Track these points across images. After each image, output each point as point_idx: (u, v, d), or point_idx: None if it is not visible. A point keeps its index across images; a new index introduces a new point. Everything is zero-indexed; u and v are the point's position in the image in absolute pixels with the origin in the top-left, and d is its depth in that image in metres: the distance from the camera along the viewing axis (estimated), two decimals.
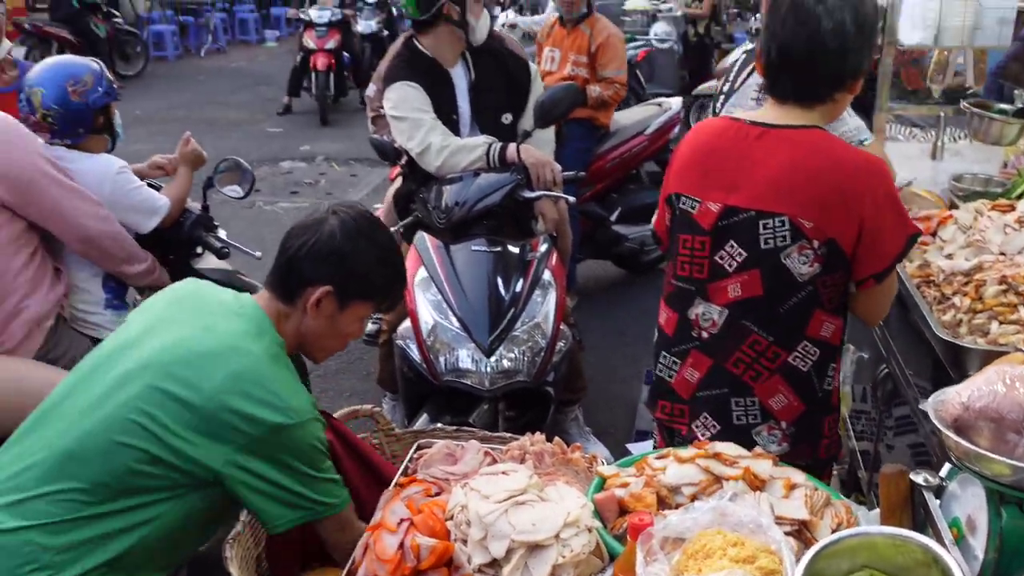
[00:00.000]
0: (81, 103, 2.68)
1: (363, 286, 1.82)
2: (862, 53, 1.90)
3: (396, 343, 3.03)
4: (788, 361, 1.98)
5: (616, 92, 5.08)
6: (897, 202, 1.92)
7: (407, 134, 3.25)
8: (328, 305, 1.79)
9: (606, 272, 5.91)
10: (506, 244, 3.08)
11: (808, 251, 1.89)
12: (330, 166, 8.69)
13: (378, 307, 1.91)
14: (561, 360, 3.05)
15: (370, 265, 1.81)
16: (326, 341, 1.87)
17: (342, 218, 1.81)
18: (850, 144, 2.01)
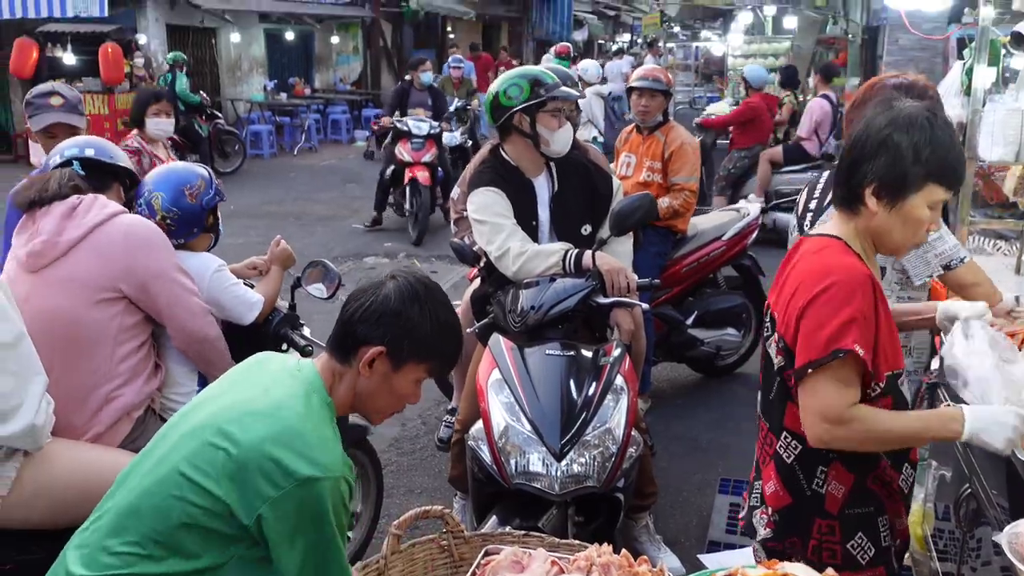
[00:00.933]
0: (196, 205, 2.91)
1: (416, 348, 1.84)
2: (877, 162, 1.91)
3: (468, 444, 3.06)
4: (777, 450, 2.08)
5: (686, 200, 5.13)
6: (842, 312, 1.86)
7: (487, 237, 3.35)
8: (381, 366, 1.83)
9: (681, 376, 5.87)
10: (579, 348, 3.11)
11: (777, 342, 2.02)
12: (412, 262, 8.89)
13: (432, 371, 1.91)
14: (631, 466, 3.03)
15: (424, 327, 1.84)
16: (380, 402, 1.90)
17: (399, 283, 1.86)
18: (844, 254, 1.97)
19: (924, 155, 1.87)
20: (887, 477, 2.05)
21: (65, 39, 13.75)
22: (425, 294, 1.86)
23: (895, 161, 1.89)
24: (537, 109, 3.36)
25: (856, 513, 2.05)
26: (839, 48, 13.20)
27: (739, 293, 5.62)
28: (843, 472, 2.03)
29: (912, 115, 1.91)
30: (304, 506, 1.66)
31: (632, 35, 37.10)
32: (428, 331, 1.84)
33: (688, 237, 5.33)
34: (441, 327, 1.87)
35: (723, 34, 17.96)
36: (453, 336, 1.93)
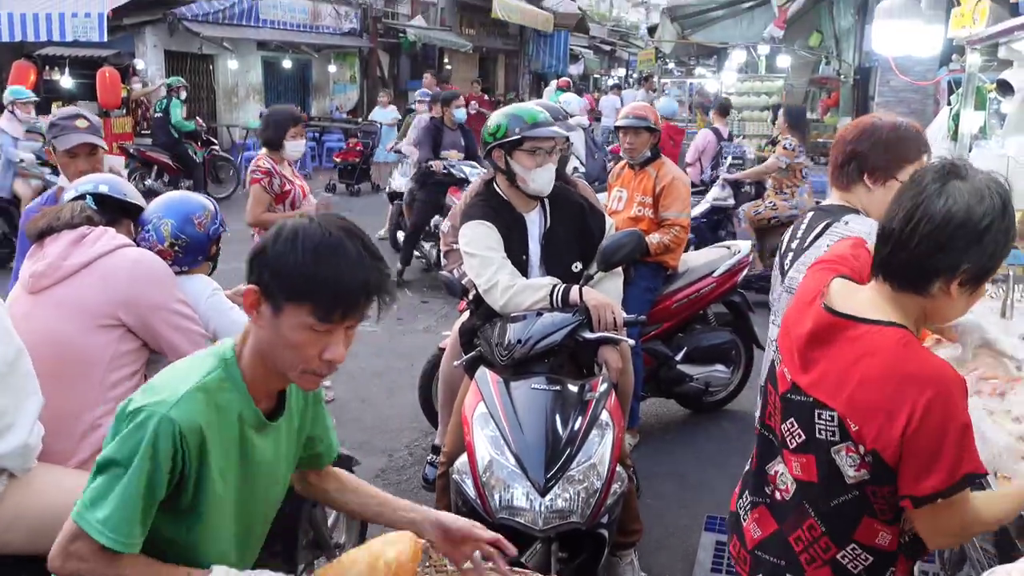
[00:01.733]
0: (203, 234, 2.96)
1: (284, 283, 1.66)
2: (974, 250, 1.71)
3: (452, 477, 3.04)
4: (837, 558, 1.89)
5: (676, 236, 5.15)
6: (951, 427, 1.67)
7: (476, 270, 3.36)
8: (264, 310, 1.70)
9: (669, 412, 5.86)
10: (565, 383, 3.11)
11: (854, 454, 1.79)
12: (403, 293, 8.89)
13: (316, 313, 1.66)
14: (616, 503, 3.02)
15: (288, 259, 1.66)
16: (283, 356, 1.72)
17: (300, 222, 1.72)
18: (928, 351, 1.80)
19: (1011, 241, 1.72)
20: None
21: (63, 62, 13.82)
22: (294, 226, 1.69)
23: (995, 252, 1.71)
24: (514, 147, 3.35)
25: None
26: (831, 88, 13.35)
27: (729, 329, 5.63)
28: (904, 562, 1.93)
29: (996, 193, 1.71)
30: (122, 433, 1.66)
31: (627, 70, 37.47)
32: (293, 263, 1.65)
33: (679, 273, 5.35)
34: (307, 257, 1.65)
35: (717, 71, 18.15)
36: (332, 268, 1.66)
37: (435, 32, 22.78)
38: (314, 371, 1.74)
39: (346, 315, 1.69)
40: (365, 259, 1.70)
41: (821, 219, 2.75)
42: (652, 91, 19.01)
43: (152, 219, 2.96)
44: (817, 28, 12.92)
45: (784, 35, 12.44)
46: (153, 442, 1.61)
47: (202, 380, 1.71)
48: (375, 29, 20.58)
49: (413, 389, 5.29)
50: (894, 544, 1.88)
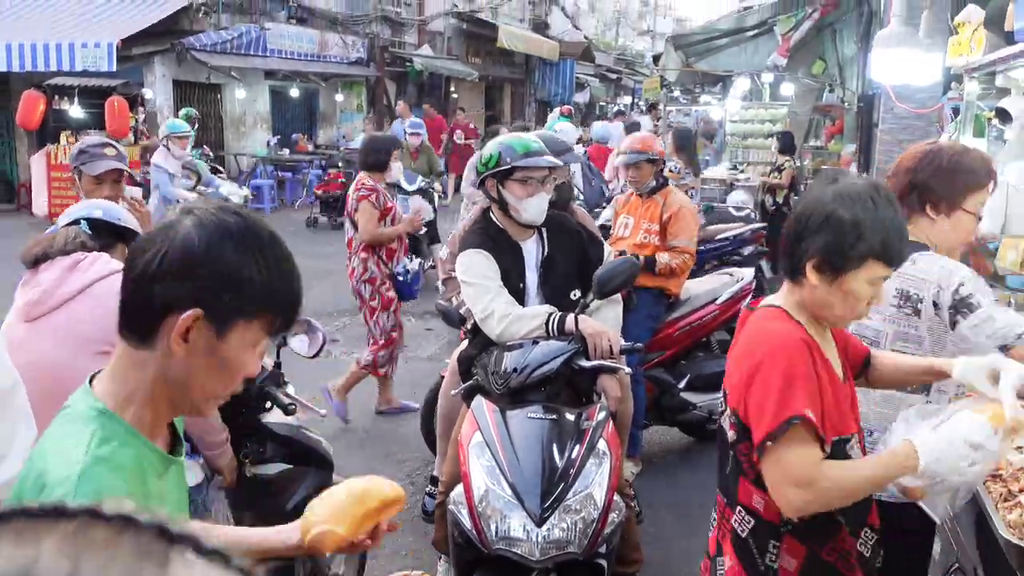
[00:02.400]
0: None
1: (242, 301, 1.36)
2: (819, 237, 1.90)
3: (448, 508, 3.03)
4: (732, 524, 2.05)
5: (684, 262, 5.17)
6: (777, 379, 1.86)
7: (473, 299, 3.36)
8: (201, 335, 1.35)
9: (672, 440, 5.83)
10: (562, 412, 3.10)
11: (728, 417, 2.02)
12: (407, 319, 8.88)
13: (271, 327, 1.42)
14: (613, 532, 2.99)
15: (246, 270, 1.35)
16: (208, 383, 1.40)
17: (199, 217, 1.37)
18: (781, 320, 1.98)
19: (866, 232, 1.85)
20: (845, 547, 2.01)
21: (72, 92, 13.96)
22: (238, 226, 1.37)
23: (836, 237, 1.88)
24: (505, 176, 3.36)
25: None
26: (835, 115, 13.37)
27: None
28: (795, 545, 1.98)
29: (856, 191, 1.89)
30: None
31: (633, 98, 37.64)
32: (253, 275, 1.35)
33: (681, 300, 5.35)
34: (268, 266, 1.38)
35: (722, 98, 18.21)
36: (287, 275, 1.43)
37: (441, 61, 22.97)
38: (228, 394, 1.46)
39: (288, 326, 1.46)
40: (294, 266, 1.47)
41: None
42: (657, 119, 19.10)
43: None
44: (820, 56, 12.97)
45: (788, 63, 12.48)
46: None
47: (90, 450, 1.33)
48: (382, 58, 20.77)
49: (416, 417, 5.27)
50: (770, 512, 1.97)
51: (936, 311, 2.46)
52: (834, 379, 1.98)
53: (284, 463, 3.17)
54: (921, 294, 2.47)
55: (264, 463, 3.11)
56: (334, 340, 7.92)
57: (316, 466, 3.23)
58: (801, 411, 1.84)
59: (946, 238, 2.54)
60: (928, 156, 2.50)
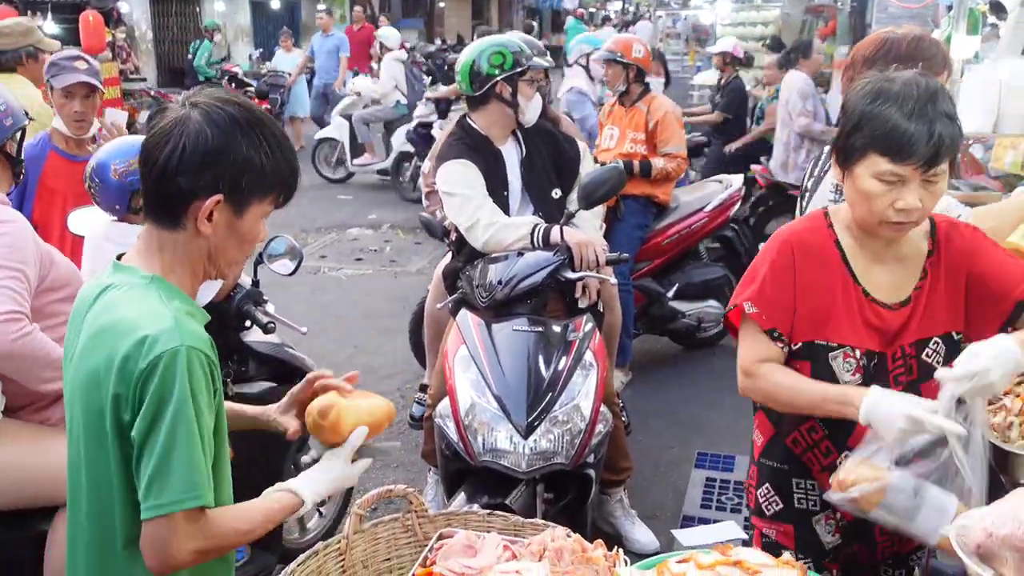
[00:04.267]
0: (118, 183, 2.80)
1: (257, 183, 1.57)
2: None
3: (435, 421, 3.02)
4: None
5: (679, 166, 5.12)
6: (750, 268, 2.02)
7: (456, 210, 3.29)
8: (223, 216, 1.56)
9: (661, 348, 5.83)
10: (548, 324, 3.06)
11: None
12: (395, 234, 8.83)
13: (277, 200, 1.64)
14: (601, 443, 2.99)
15: (257, 157, 1.56)
16: (230, 254, 1.64)
17: (207, 109, 1.54)
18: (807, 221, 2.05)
19: (864, 122, 1.80)
20: (811, 439, 2.03)
21: (45, 7, 13.54)
22: (242, 115, 1.56)
23: (843, 128, 1.86)
24: (518, 78, 3.34)
25: (768, 465, 2.12)
26: (828, 16, 13.06)
27: (721, 265, 5.58)
28: (765, 422, 2.12)
29: (883, 85, 1.82)
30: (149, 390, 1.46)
31: (623, 3, 36.77)
32: (263, 160, 1.56)
33: (670, 209, 5.28)
34: (273, 148, 1.58)
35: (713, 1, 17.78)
36: (288, 153, 1.63)
37: None
38: (245, 259, 1.70)
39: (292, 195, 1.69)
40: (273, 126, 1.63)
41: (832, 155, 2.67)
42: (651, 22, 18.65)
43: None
44: None
45: None
46: (188, 379, 1.47)
47: (165, 304, 1.53)
48: None
49: (405, 332, 5.26)
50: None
51: None
52: (848, 288, 1.94)
53: (268, 381, 3.14)
54: None
55: (247, 382, 3.08)
56: (322, 256, 7.87)
57: None
58: (739, 301, 1.97)
59: None
60: (885, 44, 2.49)
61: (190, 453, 1.46)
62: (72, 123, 3.66)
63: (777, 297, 1.94)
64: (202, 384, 1.50)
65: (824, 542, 2.08)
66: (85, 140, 3.75)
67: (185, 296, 1.60)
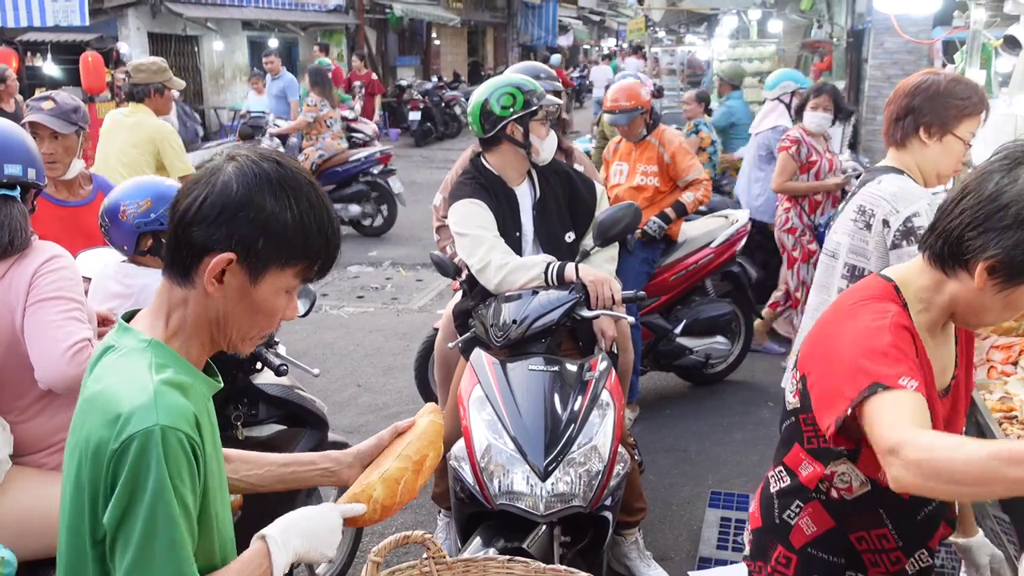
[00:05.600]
0: (127, 224, 2.78)
1: (276, 247, 1.41)
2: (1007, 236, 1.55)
3: (449, 464, 2.96)
4: (768, 476, 1.98)
5: (706, 188, 5.15)
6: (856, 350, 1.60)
7: (468, 251, 3.26)
8: (235, 278, 1.41)
9: (669, 385, 5.79)
10: (564, 363, 3.02)
11: (794, 380, 1.85)
12: (396, 271, 8.80)
13: (304, 274, 1.47)
14: (619, 484, 2.94)
15: (282, 217, 1.40)
16: (244, 325, 1.47)
17: (241, 164, 1.42)
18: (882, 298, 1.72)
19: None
20: (880, 545, 1.83)
21: (45, 48, 13.61)
22: (277, 174, 1.41)
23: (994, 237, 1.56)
24: (530, 118, 3.31)
25: (820, 557, 1.87)
26: (824, 52, 13.18)
27: (728, 301, 5.55)
28: (822, 514, 1.86)
29: None
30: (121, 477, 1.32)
31: (617, 40, 37.16)
32: (288, 222, 1.40)
33: (676, 244, 5.27)
34: (304, 213, 1.42)
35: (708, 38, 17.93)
36: (322, 223, 1.45)
37: (422, 7, 22.52)
38: (267, 334, 1.53)
39: (327, 270, 1.50)
40: (334, 215, 1.49)
41: (864, 180, 2.79)
42: (644, 60, 18.80)
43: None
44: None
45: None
46: (165, 461, 1.32)
47: (153, 374, 1.38)
48: (361, 5, 20.33)
49: (410, 370, 5.21)
50: (813, 481, 1.83)
51: (884, 228, 2.59)
52: (928, 379, 1.71)
53: (278, 424, 3.09)
54: (875, 210, 2.61)
55: (257, 425, 3.03)
56: (323, 295, 7.82)
57: (311, 426, 3.16)
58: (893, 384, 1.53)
59: (935, 163, 2.63)
60: (926, 82, 2.60)
61: (172, 544, 1.32)
62: (44, 164, 3.58)
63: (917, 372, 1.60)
64: (182, 465, 1.34)
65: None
66: (75, 183, 3.65)
67: (185, 364, 1.45)
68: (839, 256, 2.74)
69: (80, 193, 3.66)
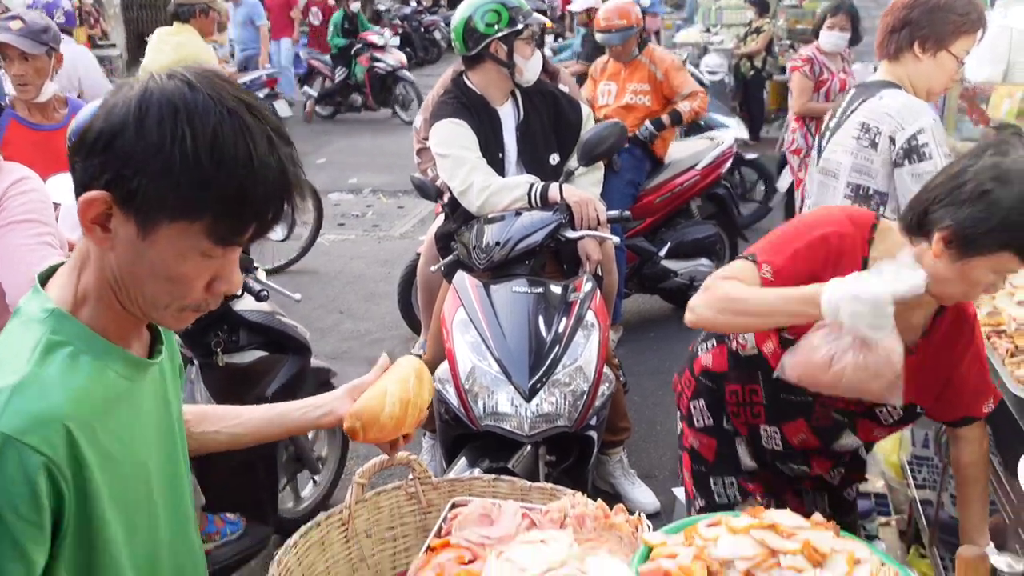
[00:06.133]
0: None
1: (161, 191, 1.05)
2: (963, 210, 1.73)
3: (434, 386, 2.94)
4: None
5: (702, 100, 5.10)
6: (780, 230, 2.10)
7: (450, 172, 3.19)
8: (122, 228, 1.08)
9: (653, 308, 5.78)
10: (548, 284, 2.98)
11: None
12: (377, 198, 8.70)
13: (212, 232, 1.08)
14: (604, 404, 2.94)
15: (168, 152, 1.04)
16: (148, 291, 1.13)
17: (151, 82, 1.08)
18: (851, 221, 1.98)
19: (1013, 224, 1.68)
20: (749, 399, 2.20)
21: None
22: (180, 96, 1.06)
23: (981, 218, 1.70)
24: (515, 37, 3.22)
25: (708, 386, 2.29)
26: None
27: (712, 223, 5.51)
28: (723, 355, 2.24)
29: (1019, 180, 1.69)
30: None
31: None
32: (175, 160, 1.04)
33: (662, 167, 5.21)
34: (203, 151, 1.04)
35: None
36: (236, 166, 1.06)
37: None
38: (196, 307, 1.18)
39: (257, 232, 1.13)
40: (279, 147, 1.10)
41: (860, 96, 2.72)
42: None
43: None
44: None
45: None
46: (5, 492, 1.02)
47: (32, 360, 1.10)
48: None
49: (392, 297, 5.17)
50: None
51: (891, 146, 2.57)
52: None
53: (259, 350, 3.05)
54: (880, 127, 2.58)
55: (238, 351, 2.99)
56: (303, 222, 7.72)
57: (293, 352, 3.12)
58: (761, 260, 1.93)
59: (928, 78, 2.61)
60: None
61: None
62: (15, 87, 3.48)
63: (795, 271, 1.92)
64: (16, 491, 1.02)
65: (742, 463, 2.30)
66: (49, 106, 3.55)
67: (94, 340, 1.15)
68: (839, 176, 2.70)
69: (55, 117, 3.55)
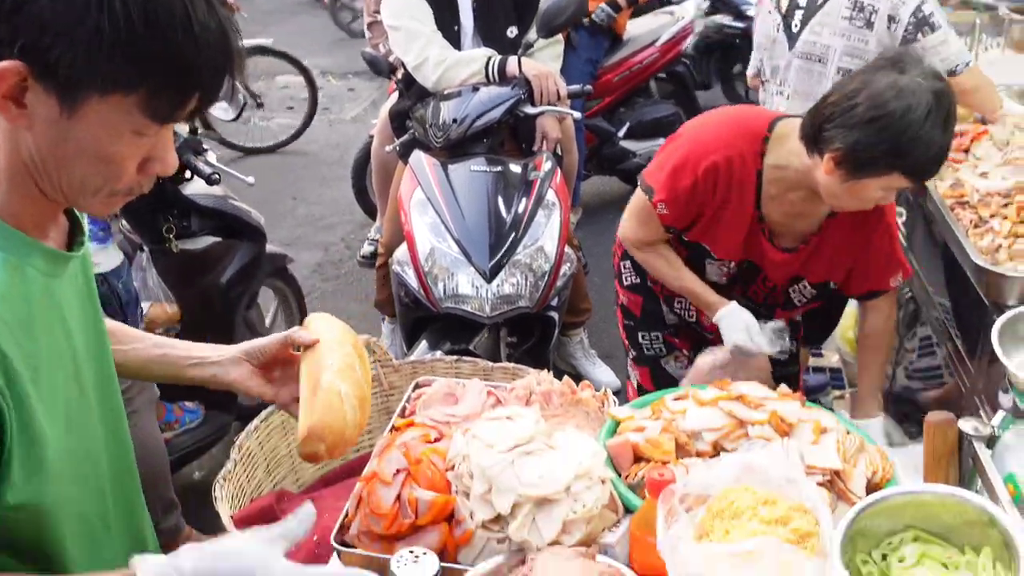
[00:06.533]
0: None
1: (87, 59, 0.90)
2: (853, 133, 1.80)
3: (392, 269, 2.89)
4: None
5: None
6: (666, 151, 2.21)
7: (403, 46, 3.05)
8: (41, 104, 0.92)
9: (612, 189, 5.73)
10: (507, 163, 2.91)
11: None
12: (327, 80, 8.41)
13: (159, 109, 0.95)
14: (565, 285, 2.92)
15: (93, 16, 0.88)
16: (75, 172, 0.98)
17: None
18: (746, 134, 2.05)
19: (904, 147, 1.71)
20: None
21: None
22: None
23: (871, 142, 1.73)
24: None
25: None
26: None
27: (672, 102, 5.41)
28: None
29: (917, 98, 1.70)
30: None
31: None
32: (103, 25, 0.88)
33: (621, 43, 5.07)
34: (136, 13, 0.89)
35: None
36: (167, 29, 0.91)
37: None
38: (127, 191, 1.03)
39: (198, 107, 0.99)
40: (218, 9, 0.96)
41: None
42: None
43: None
44: None
45: None
46: None
47: None
48: None
49: (345, 181, 5.06)
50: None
51: (890, 25, 2.52)
52: (754, 226, 2.05)
53: (212, 236, 2.95)
54: (876, 6, 2.53)
55: (191, 237, 2.89)
56: (259, 105, 7.48)
57: (247, 237, 3.03)
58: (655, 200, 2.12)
59: None
60: None
61: None
62: None
63: (688, 209, 2.07)
64: None
65: (665, 318, 2.45)
66: None
67: (16, 237, 1.01)
68: (828, 60, 2.63)
69: None
